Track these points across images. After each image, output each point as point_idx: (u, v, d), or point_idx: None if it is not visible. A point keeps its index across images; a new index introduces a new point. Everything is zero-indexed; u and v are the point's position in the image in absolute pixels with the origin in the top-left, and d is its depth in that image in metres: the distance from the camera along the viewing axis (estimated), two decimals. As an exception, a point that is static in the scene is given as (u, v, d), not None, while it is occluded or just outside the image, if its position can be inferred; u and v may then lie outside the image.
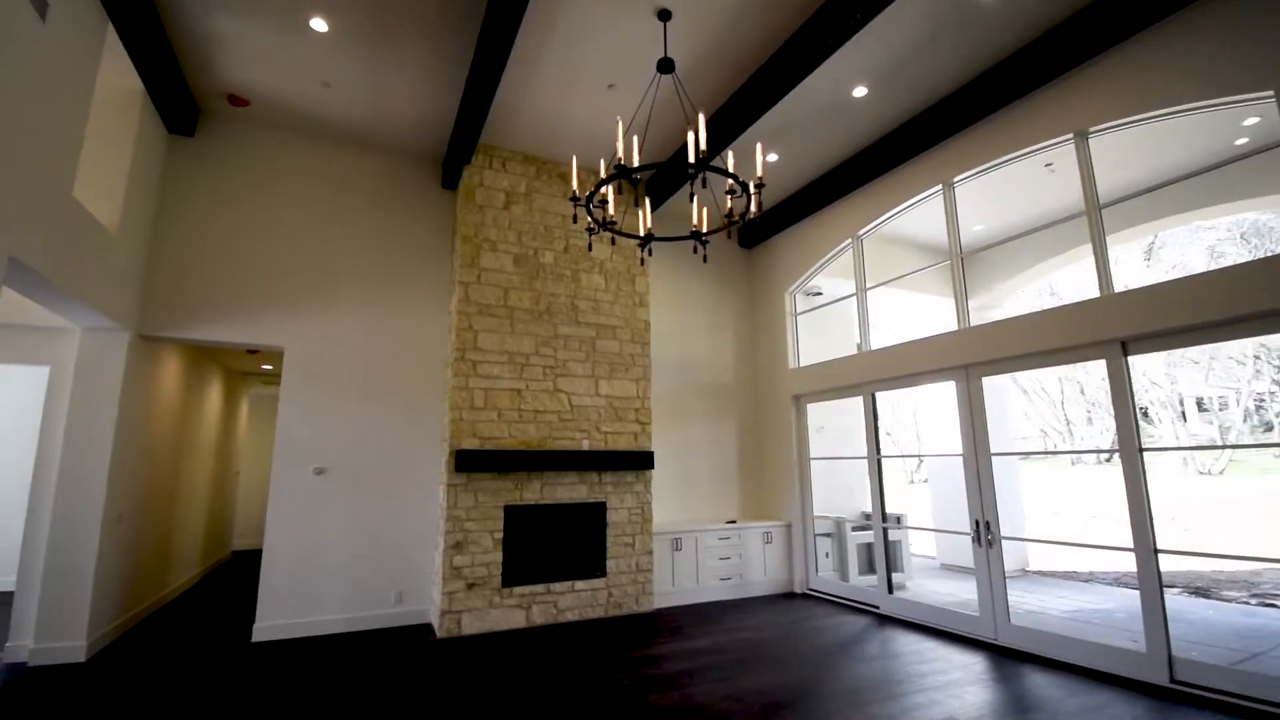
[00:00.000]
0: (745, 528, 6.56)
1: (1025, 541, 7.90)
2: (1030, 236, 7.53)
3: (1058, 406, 18.23)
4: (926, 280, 7.16)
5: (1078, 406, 18.10)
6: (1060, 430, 18.29)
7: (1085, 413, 18.09)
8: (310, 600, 5.08)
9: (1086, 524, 11.66)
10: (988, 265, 7.99)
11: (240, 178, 5.40)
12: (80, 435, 4.46)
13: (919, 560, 8.79)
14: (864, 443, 7.93)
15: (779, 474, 7.05)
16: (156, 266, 5.02)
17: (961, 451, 5.11)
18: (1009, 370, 4.90)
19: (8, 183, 3.03)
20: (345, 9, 4.22)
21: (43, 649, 4.18)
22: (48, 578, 4.25)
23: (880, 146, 5.79)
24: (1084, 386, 17.40)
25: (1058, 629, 4.94)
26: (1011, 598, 4.74)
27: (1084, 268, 9.92)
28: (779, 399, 7.16)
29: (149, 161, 4.87)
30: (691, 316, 7.33)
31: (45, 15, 3.20)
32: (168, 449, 5.78)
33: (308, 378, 5.33)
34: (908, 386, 5.78)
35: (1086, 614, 5.72)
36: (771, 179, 6.56)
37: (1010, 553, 7.69)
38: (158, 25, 4.25)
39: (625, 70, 4.80)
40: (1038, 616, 5.62)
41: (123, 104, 4.53)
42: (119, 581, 4.81)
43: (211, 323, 5.14)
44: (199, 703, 3.64)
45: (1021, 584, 7.13)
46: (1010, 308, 7.97)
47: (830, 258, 6.74)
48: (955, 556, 8.00)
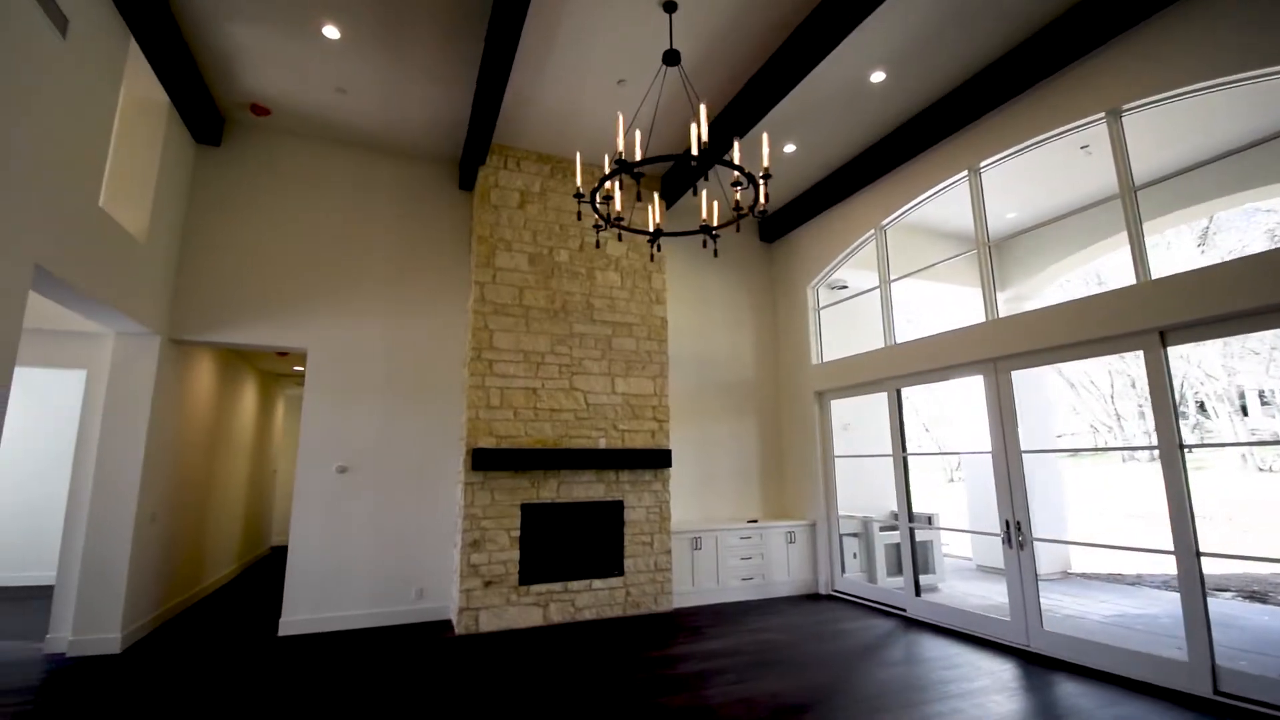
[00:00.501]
0: (767, 527, 6.44)
1: (1057, 543, 7.54)
2: (1071, 223, 7.21)
3: (1107, 400, 17.40)
4: (957, 271, 6.90)
5: (1128, 401, 17.25)
6: (1110, 425, 17.46)
7: (1137, 407, 17.22)
8: (334, 596, 5.19)
9: (1131, 524, 11.10)
10: (1025, 254, 7.68)
11: (265, 185, 5.54)
12: (114, 436, 4.65)
13: (954, 561, 8.51)
14: (871, 447, 7.77)
15: (802, 472, 6.90)
16: (186, 272, 5.20)
17: (991, 449, 4.90)
18: (1039, 363, 4.67)
19: (33, 195, 3.16)
20: (356, 16, 4.28)
21: (80, 640, 4.37)
22: (84, 573, 4.44)
23: (902, 133, 5.59)
24: (1135, 380, 16.56)
25: (1095, 635, 4.70)
26: (1050, 601, 4.54)
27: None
28: (802, 396, 7.01)
29: (177, 171, 5.04)
30: (711, 312, 7.23)
31: (66, 32, 3.32)
32: (201, 449, 5.99)
33: (330, 378, 5.45)
34: (934, 382, 5.58)
35: (1129, 619, 5.42)
36: (791, 170, 6.42)
37: (1051, 555, 7.40)
38: (179, 38, 4.38)
39: (634, 65, 4.75)
40: (1075, 622, 5.35)
41: (149, 116, 4.69)
42: (153, 577, 5.00)
43: (238, 326, 5.29)
44: (220, 694, 3.74)
45: (1062, 587, 6.82)
46: (1050, 299, 7.62)
47: (853, 250, 6.55)
48: (991, 558, 7.70)
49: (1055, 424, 14.03)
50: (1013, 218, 7.12)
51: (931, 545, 6.91)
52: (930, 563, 6.92)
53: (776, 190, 6.88)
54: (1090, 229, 6.88)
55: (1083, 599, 6.23)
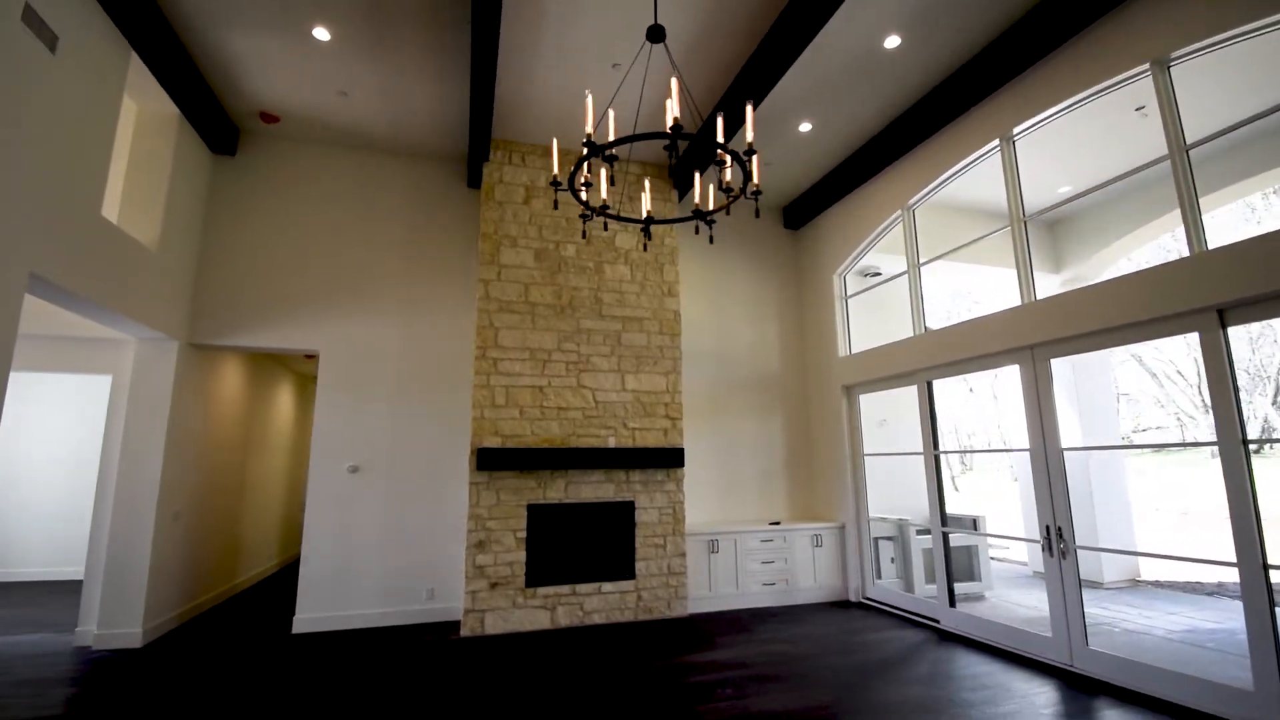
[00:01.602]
0: (791, 529, 6.10)
1: (1097, 550, 6.82)
2: (1136, 196, 6.54)
3: (1194, 390, 15.85)
4: (1000, 252, 6.38)
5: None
6: (1197, 418, 15.89)
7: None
8: (346, 594, 5.24)
9: (1217, 527, 10.00)
10: (1087, 232, 7.03)
11: (278, 191, 5.67)
12: (135, 438, 4.84)
13: (1007, 568, 7.89)
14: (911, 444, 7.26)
15: (831, 472, 6.51)
16: (204, 279, 5.37)
17: (1029, 447, 4.43)
18: (1081, 350, 4.17)
19: (27, 205, 3.27)
20: (343, 17, 4.27)
21: (104, 634, 4.56)
22: (108, 570, 4.64)
23: (926, 104, 5.16)
24: (1227, 368, 14.95)
25: (1152, 654, 4.19)
26: (1112, 613, 4.06)
27: (1218, 218, 8.54)
28: (829, 390, 6.62)
29: (191, 181, 5.20)
30: (733, 305, 6.94)
31: (55, 48, 3.42)
32: (230, 449, 6.20)
33: (342, 379, 5.52)
34: (967, 373, 5.11)
35: (1200, 635, 4.80)
36: (810, 151, 6.06)
37: (1119, 561, 6.70)
38: (181, 50, 4.50)
39: (626, 47, 4.55)
40: (1136, 638, 4.79)
41: (159, 129, 4.86)
42: (177, 574, 5.19)
43: (254, 330, 5.43)
44: (217, 689, 3.79)
45: (1128, 596, 6.17)
46: (1109, 279, 6.92)
47: (880, 233, 6.13)
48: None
49: (1121, 418, 13.01)
50: (1066, 191, 6.52)
51: (977, 550, 6.40)
52: (976, 569, 6.41)
53: (798, 174, 6.52)
54: (1157, 200, 6.20)
55: (1150, 611, 5.59)
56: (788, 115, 5.41)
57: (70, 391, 7.34)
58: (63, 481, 7.24)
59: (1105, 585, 6.47)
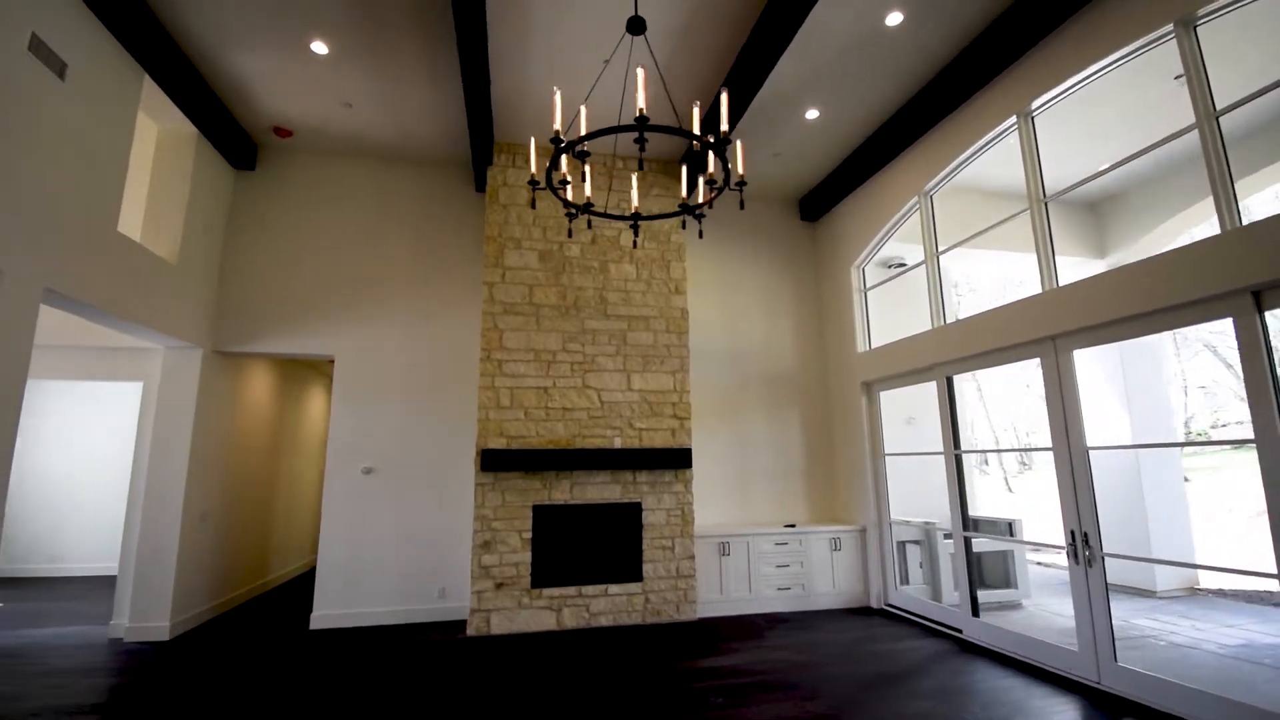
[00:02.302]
0: (807, 532, 5.89)
1: (1127, 559, 6.26)
2: (1185, 174, 6.04)
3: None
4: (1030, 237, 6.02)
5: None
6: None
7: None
8: (361, 592, 5.37)
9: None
10: (1129, 212, 6.55)
11: (295, 203, 5.88)
12: (162, 442, 5.10)
13: (1053, 574, 7.41)
14: (966, 435, 6.87)
15: (852, 473, 6.26)
16: (227, 289, 5.61)
17: (1051, 445, 4.11)
18: (1104, 340, 3.84)
19: (40, 223, 3.48)
20: (337, 29, 4.37)
21: (135, 627, 4.82)
22: (139, 566, 4.90)
23: (938, 82, 4.88)
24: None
25: (1195, 672, 3.82)
26: (1161, 625, 3.75)
27: (1263, 200, 7.76)
28: (849, 387, 6.36)
29: (212, 196, 5.45)
30: (747, 301, 6.76)
31: (64, 75, 3.63)
32: (259, 451, 6.47)
33: (356, 383, 5.66)
34: (987, 367, 4.80)
35: (1257, 650, 4.35)
36: (821, 139, 5.84)
37: (1174, 570, 6.16)
38: (192, 71, 4.71)
39: (614, 42, 4.48)
40: (1182, 653, 4.38)
41: (179, 147, 5.11)
42: (205, 571, 5.43)
43: (274, 337, 5.64)
44: (232, 677, 3.93)
45: (1182, 607, 5.67)
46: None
47: (897, 222, 5.84)
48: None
49: (1197, 411, 12.15)
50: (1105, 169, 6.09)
51: (1012, 555, 6.03)
52: (1011, 575, 6.04)
53: (812, 164, 6.30)
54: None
55: (1205, 623, 5.12)
56: (793, 103, 5.23)
57: (108, 398, 7.88)
58: (102, 483, 7.74)
59: (1158, 594, 5.97)
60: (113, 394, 7.86)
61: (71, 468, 7.76)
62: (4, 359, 3.23)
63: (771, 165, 6.30)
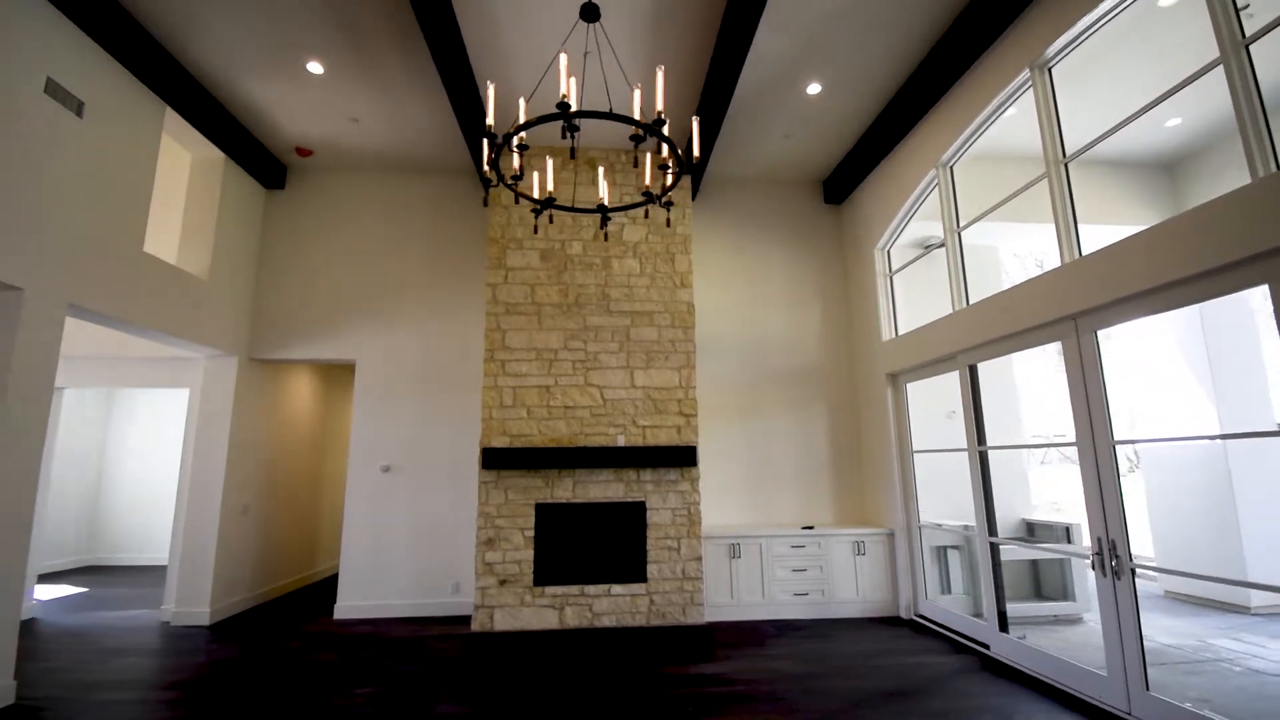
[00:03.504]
0: (827, 535, 5.53)
1: (1156, 571, 5.31)
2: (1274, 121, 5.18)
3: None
4: (1110, 206, 5.44)
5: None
6: None
7: None
8: (380, 585, 5.62)
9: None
10: (1211, 172, 5.69)
11: (320, 217, 6.24)
12: (204, 442, 5.56)
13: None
14: (1016, 429, 6.25)
15: (880, 472, 5.81)
16: (261, 301, 6.05)
17: (1075, 439, 3.61)
18: (1129, 316, 3.32)
19: (63, 247, 3.88)
20: (328, 48, 4.58)
21: (180, 612, 5.29)
22: (183, 557, 5.37)
23: (945, 41, 4.44)
24: None
25: (1257, 708, 3.24)
26: (1246, 646, 3.21)
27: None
28: (875, 379, 5.92)
29: (243, 215, 5.89)
30: (768, 291, 6.46)
31: (81, 112, 4.03)
32: (300, 451, 6.92)
33: (374, 385, 5.93)
34: (1006, 353, 4.29)
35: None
36: (832, 116, 5.48)
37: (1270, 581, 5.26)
38: (211, 99, 5.10)
39: (588, 34, 4.40)
40: (1259, 680, 3.71)
41: (209, 171, 5.55)
42: (246, 562, 5.87)
43: (302, 344, 6.02)
44: (247, 654, 4.22)
45: (1246, 624, 4.83)
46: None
47: (919, 199, 5.37)
48: (1188, 581, 5.73)
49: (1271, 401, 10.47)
50: (1175, 125, 5.36)
51: (1070, 564, 5.38)
52: (1069, 587, 5.40)
53: (827, 143, 5.93)
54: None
55: (1273, 643, 4.32)
56: (790, 79, 4.93)
57: (163, 404, 8.76)
58: (160, 481, 8.58)
59: (1252, 610, 5.11)
60: (163, 401, 8.78)
61: (151, 467, 8.68)
62: (31, 366, 3.63)
63: (784, 147, 5.98)
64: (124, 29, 4.15)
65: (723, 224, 6.52)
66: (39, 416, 3.70)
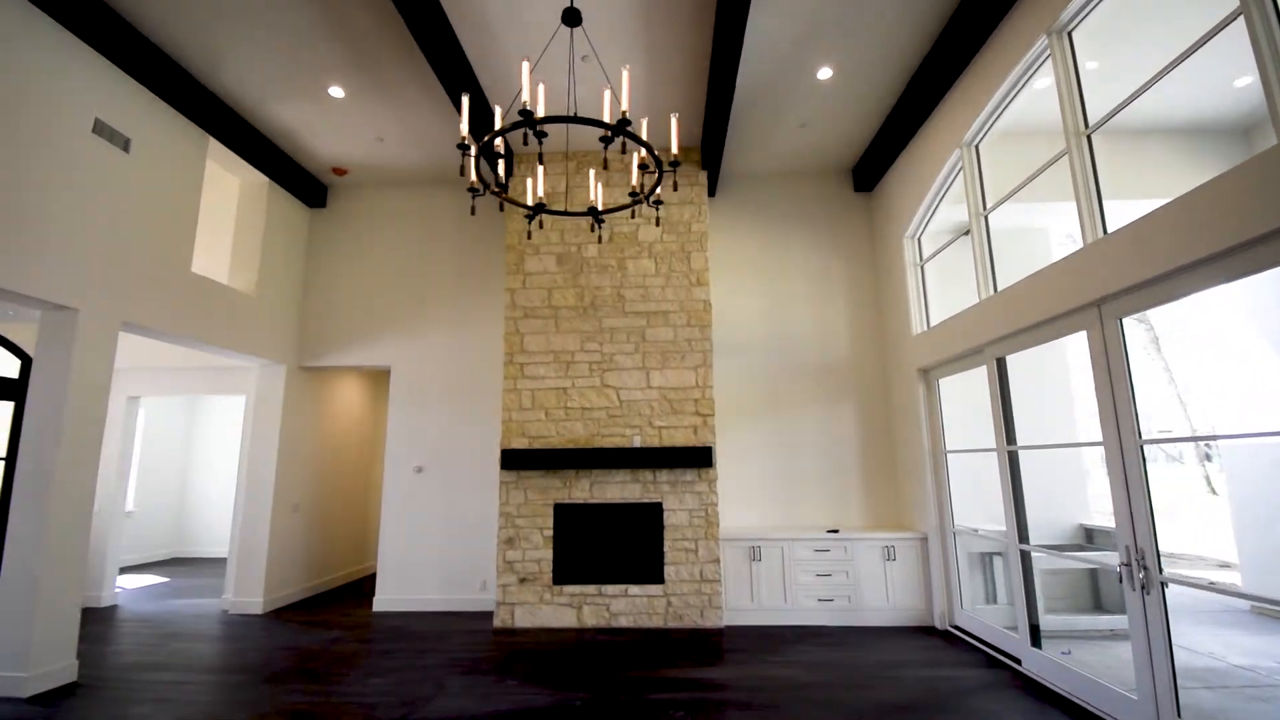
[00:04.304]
0: (852, 539, 5.29)
1: (1193, 585, 4.57)
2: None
3: None
4: (1145, 179, 4.94)
5: None
6: None
7: None
8: (414, 580, 5.89)
9: None
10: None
11: (357, 232, 6.61)
12: (257, 444, 6.02)
13: (1208, 599, 5.88)
14: (1070, 426, 5.78)
15: (913, 472, 5.51)
16: (308, 312, 6.48)
17: (1102, 438, 3.28)
18: (1155, 302, 2.98)
19: (115, 271, 4.32)
20: (344, 73, 4.84)
21: (237, 601, 5.76)
22: (239, 551, 5.84)
23: (962, 10, 4.14)
24: None
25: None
26: None
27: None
28: (907, 375, 5.61)
29: (288, 234, 6.32)
30: (793, 286, 6.25)
31: (128, 148, 4.46)
32: (349, 453, 7.35)
33: (408, 390, 6.22)
34: (1032, 345, 3.95)
35: None
36: (850, 100, 5.24)
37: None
38: (249, 128, 5.51)
39: (594, 37, 4.43)
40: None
41: (255, 196, 6.00)
42: (298, 556, 6.30)
43: (343, 351, 6.39)
44: (288, 638, 4.54)
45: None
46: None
47: (947, 182, 5.04)
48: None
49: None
50: (1247, 84, 4.80)
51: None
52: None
53: (848, 128, 5.67)
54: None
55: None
56: (797, 64, 4.75)
57: (234, 409, 9.53)
58: (221, 480, 9.31)
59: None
60: (221, 408, 9.63)
61: (224, 467, 9.46)
62: (87, 378, 4.06)
63: (802, 137, 5.77)
64: (162, 67, 4.55)
65: (745, 219, 6.37)
66: (96, 420, 4.13)
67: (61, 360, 3.95)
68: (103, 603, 5.93)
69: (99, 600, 5.91)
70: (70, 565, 3.92)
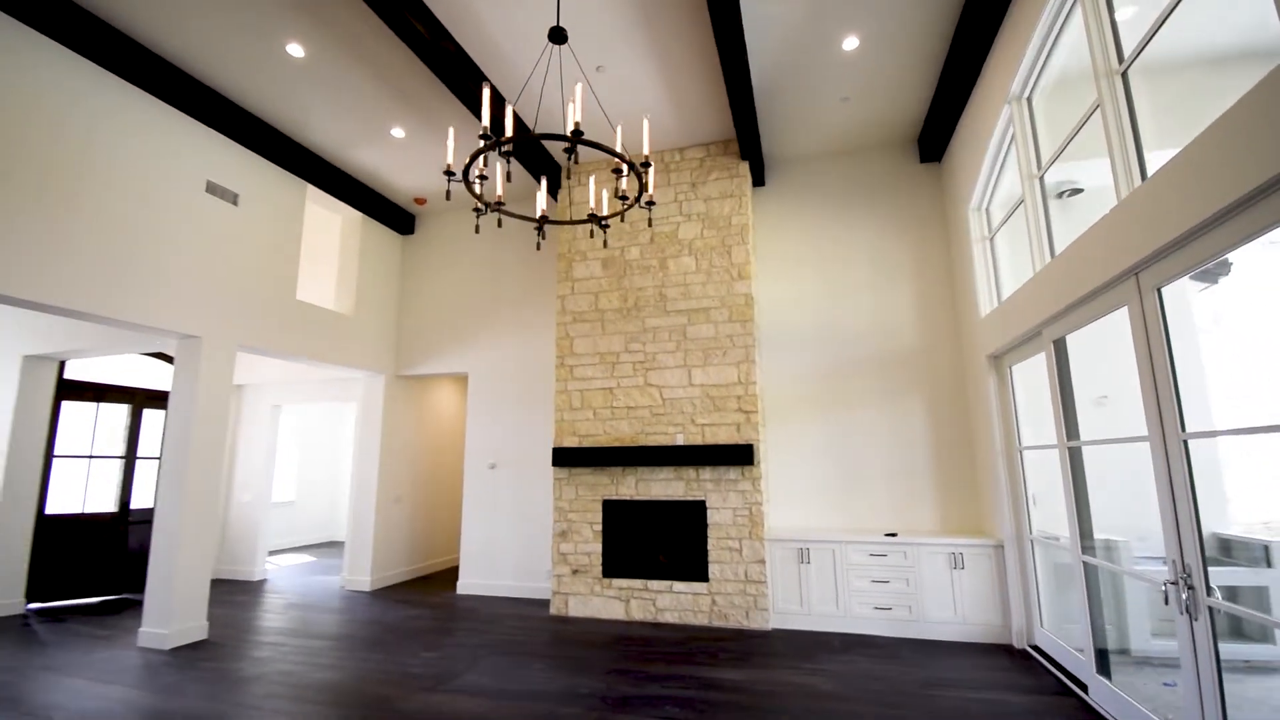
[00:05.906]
0: (912, 543, 4.85)
1: (1242, 613, 3.16)
2: None
3: None
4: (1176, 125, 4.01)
5: None
6: None
7: None
8: (490, 567, 6.43)
9: None
10: None
11: (440, 253, 7.35)
12: (363, 444, 6.95)
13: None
14: (1205, 411, 4.86)
15: (987, 471, 4.92)
16: (403, 328, 7.34)
17: (1146, 432, 2.76)
18: (1190, 265, 2.44)
19: (232, 303, 5.27)
20: (401, 116, 5.44)
21: (350, 579, 6.70)
22: (351, 536, 6.78)
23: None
24: None
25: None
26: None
27: None
28: (977, 362, 5.03)
29: (384, 260, 7.20)
30: (852, 272, 5.86)
31: (237, 202, 5.41)
32: (445, 451, 8.13)
33: (483, 393, 6.80)
34: (1084, 324, 3.38)
35: None
36: (887, 66, 4.83)
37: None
38: (339, 173, 6.38)
39: (605, 52, 4.58)
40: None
41: (353, 229, 6.92)
42: (401, 542, 7.15)
43: (431, 360, 7.15)
44: (383, 611, 5.24)
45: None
46: None
47: (1003, 144, 4.45)
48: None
49: None
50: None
51: (1266, 593, 3.99)
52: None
53: (897, 93, 5.21)
54: None
55: None
56: (815, 38, 4.49)
57: (339, 416, 10.92)
58: (342, 476, 10.62)
59: None
60: (338, 414, 11.05)
61: (335, 464, 10.93)
62: (212, 394, 5.01)
63: (849, 111, 5.40)
64: (259, 130, 5.45)
65: (800, 203, 6.09)
66: (220, 422, 5.07)
67: (190, 379, 4.92)
68: (255, 577, 7.21)
69: (251, 574, 7.20)
70: (202, 545, 4.86)
